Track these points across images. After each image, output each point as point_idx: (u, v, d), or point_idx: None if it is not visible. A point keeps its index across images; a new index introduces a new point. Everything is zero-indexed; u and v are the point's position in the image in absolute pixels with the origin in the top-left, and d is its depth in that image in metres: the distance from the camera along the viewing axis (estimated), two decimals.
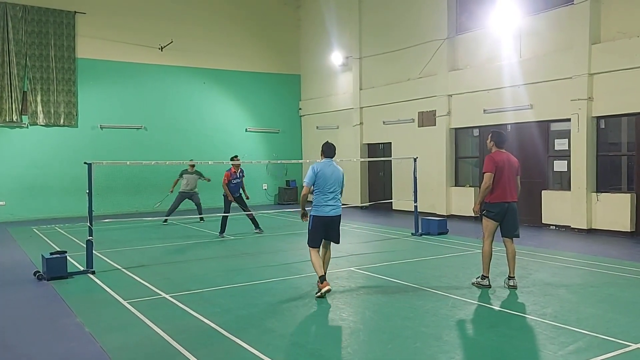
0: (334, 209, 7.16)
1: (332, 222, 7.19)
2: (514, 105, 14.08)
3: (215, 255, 10.66)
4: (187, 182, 15.61)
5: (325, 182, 7.12)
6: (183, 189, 15.60)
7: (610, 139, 12.92)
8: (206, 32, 20.46)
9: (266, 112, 21.89)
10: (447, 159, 16.12)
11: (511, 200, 7.26)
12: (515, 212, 7.34)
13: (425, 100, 16.69)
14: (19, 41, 17.21)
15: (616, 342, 5.15)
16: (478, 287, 7.36)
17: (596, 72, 12.32)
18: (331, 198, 7.15)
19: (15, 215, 17.02)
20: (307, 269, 8.88)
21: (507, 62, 14.22)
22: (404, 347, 5.15)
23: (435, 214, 15.85)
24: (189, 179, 15.65)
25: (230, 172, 12.90)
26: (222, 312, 6.41)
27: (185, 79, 20.13)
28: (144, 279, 8.21)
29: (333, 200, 7.16)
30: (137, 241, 12.35)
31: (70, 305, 6.80)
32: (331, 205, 7.14)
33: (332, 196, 7.16)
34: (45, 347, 5.36)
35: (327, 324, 5.94)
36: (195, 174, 15.75)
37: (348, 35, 19.84)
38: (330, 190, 7.15)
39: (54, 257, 8.34)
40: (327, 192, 7.14)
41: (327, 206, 7.12)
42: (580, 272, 8.52)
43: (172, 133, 19.68)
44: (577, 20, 12.62)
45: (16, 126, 17.28)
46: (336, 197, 7.22)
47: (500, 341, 5.28)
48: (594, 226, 12.51)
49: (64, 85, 17.91)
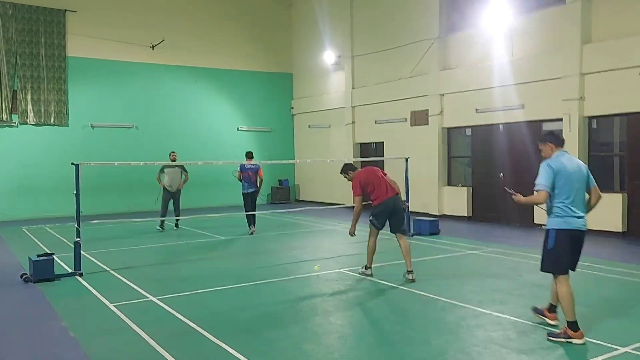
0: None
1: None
2: (505, 105, 14.07)
3: (206, 257, 10.58)
4: (170, 179, 13.75)
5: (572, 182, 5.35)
6: (167, 186, 13.81)
7: (602, 139, 12.92)
8: (198, 30, 20.35)
9: (258, 111, 21.81)
10: (440, 158, 16.09)
11: (393, 195, 8.08)
12: (401, 210, 8.18)
13: (418, 99, 16.65)
14: (8, 39, 17.05)
15: (604, 346, 5.13)
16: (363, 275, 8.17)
17: (587, 72, 12.31)
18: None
19: (4, 214, 16.87)
20: (297, 270, 8.85)
21: (499, 61, 14.20)
22: (392, 352, 5.11)
23: (428, 213, 15.83)
24: (171, 174, 13.76)
25: (243, 165, 13.24)
26: (210, 315, 6.35)
27: (177, 78, 20.02)
28: (132, 281, 8.13)
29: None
30: (127, 242, 12.25)
31: (55, 309, 6.72)
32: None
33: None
34: (27, 351, 5.29)
35: (314, 328, 5.89)
36: (178, 168, 13.84)
37: (340, 34, 19.77)
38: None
39: (40, 260, 8.25)
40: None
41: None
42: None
43: (163, 132, 19.55)
44: (568, 20, 12.60)
45: (6, 125, 17.12)
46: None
47: (488, 344, 5.24)
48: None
49: (54, 84, 17.77)
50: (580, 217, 5.31)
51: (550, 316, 5.79)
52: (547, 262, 5.40)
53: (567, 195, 5.27)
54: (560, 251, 5.31)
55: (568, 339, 5.24)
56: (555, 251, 5.33)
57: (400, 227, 8.12)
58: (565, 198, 5.27)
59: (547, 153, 5.52)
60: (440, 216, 15.49)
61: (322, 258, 9.95)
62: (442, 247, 10.85)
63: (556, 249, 5.31)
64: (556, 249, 5.31)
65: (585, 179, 5.41)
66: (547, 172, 5.28)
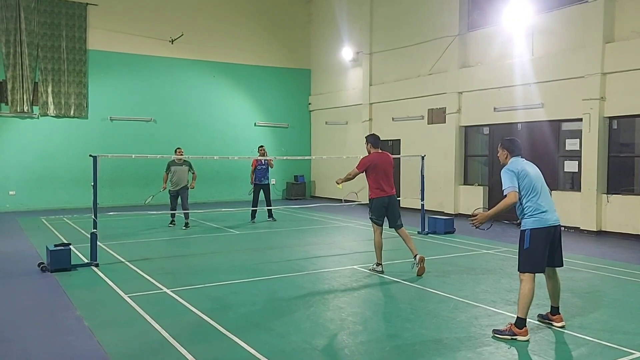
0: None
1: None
2: (525, 104, 13.90)
3: (220, 250, 10.64)
4: (177, 178, 12.99)
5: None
6: (172, 187, 13.06)
7: (623, 139, 12.70)
8: (217, 25, 20.43)
9: (275, 106, 21.84)
10: (457, 157, 15.97)
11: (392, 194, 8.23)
12: (396, 205, 8.30)
13: (435, 97, 16.53)
14: (30, 32, 17.27)
15: (619, 350, 5.05)
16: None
17: (609, 71, 12.11)
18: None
19: (24, 205, 17.15)
20: (310, 266, 8.86)
21: (519, 60, 14.03)
22: (403, 350, 5.09)
23: (443, 212, 15.73)
24: (178, 173, 13.02)
25: (257, 159, 14.08)
26: (222, 308, 6.38)
27: (195, 72, 20.12)
28: (146, 273, 8.21)
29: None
30: (142, 234, 12.37)
31: (71, 298, 6.80)
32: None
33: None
34: (42, 340, 5.36)
35: (326, 324, 5.88)
36: (184, 165, 13.15)
37: (359, 31, 19.70)
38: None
39: (57, 249, 8.36)
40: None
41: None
42: (587, 275, 8.38)
43: (181, 126, 19.70)
44: (590, 18, 12.41)
45: (27, 117, 17.38)
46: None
47: (499, 345, 5.20)
48: (604, 228, 12.34)
49: (74, 77, 17.98)
50: (554, 210, 5.47)
51: (555, 318, 5.74)
52: (525, 263, 5.44)
53: (534, 193, 5.40)
54: (536, 250, 5.37)
55: (513, 336, 5.27)
56: (531, 250, 5.39)
57: (396, 221, 8.25)
58: (532, 196, 5.40)
59: (502, 159, 5.72)
60: (456, 215, 15.39)
61: (336, 254, 9.95)
62: (456, 246, 10.77)
63: (532, 249, 5.38)
64: (532, 249, 5.38)
65: (543, 180, 5.58)
66: (510, 175, 5.44)
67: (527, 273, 5.38)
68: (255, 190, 14.35)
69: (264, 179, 14.34)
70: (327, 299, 6.86)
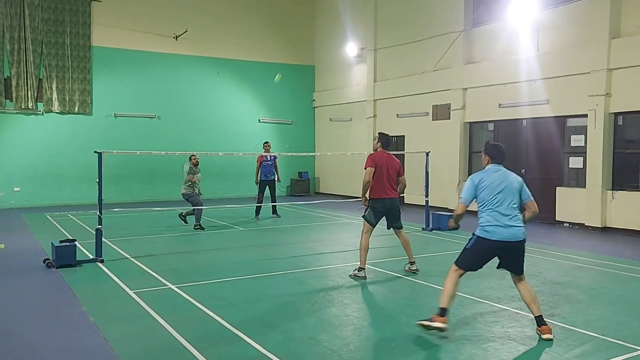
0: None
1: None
2: (530, 100, 13.86)
3: (224, 247, 10.66)
4: (193, 183, 12.56)
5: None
6: (186, 190, 12.51)
7: (628, 136, 12.65)
8: (221, 21, 20.40)
9: (279, 103, 21.83)
10: (461, 153, 15.94)
11: (395, 197, 7.87)
12: (398, 208, 7.95)
13: (440, 93, 16.50)
14: (35, 28, 17.30)
15: (624, 346, 5.04)
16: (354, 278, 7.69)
17: (615, 67, 12.06)
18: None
19: (29, 201, 17.21)
20: (314, 262, 8.87)
21: (524, 55, 13.98)
22: (407, 345, 5.09)
23: (447, 209, 15.70)
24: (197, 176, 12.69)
25: (262, 155, 14.17)
26: (227, 305, 6.40)
27: (199, 69, 20.12)
28: (151, 269, 8.23)
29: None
30: (147, 230, 12.39)
31: (76, 294, 6.83)
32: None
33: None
34: (48, 336, 5.38)
35: (330, 319, 5.89)
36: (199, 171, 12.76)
37: (363, 27, 19.66)
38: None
39: (63, 245, 8.40)
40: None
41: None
42: (591, 271, 8.37)
43: (185, 122, 19.71)
44: (596, 14, 12.35)
45: (31, 113, 17.42)
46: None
47: (505, 341, 5.19)
48: (609, 224, 12.30)
49: (79, 73, 18.00)
50: (509, 226, 5.29)
51: (541, 330, 5.25)
52: (464, 260, 5.52)
53: (491, 205, 5.38)
54: (474, 255, 5.46)
55: (430, 322, 5.25)
56: (471, 252, 5.50)
57: (396, 222, 7.99)
58: (487, 208, 5.40)
59: (483, 163, 5.73)
60: None
61: (340, 251, 9.96)
62: (461, 242, 10.70)
63: (472, 251, 5.48)
64: (472, 251, 5.48)
65: (517, 192, 5.42)
66: (468, 187, 5.59)
67: (458, 268, 5.47)
68: (262, 186, 14.30)
69: (270, 175, 14.31)
70: (332, 295, 6.87)
